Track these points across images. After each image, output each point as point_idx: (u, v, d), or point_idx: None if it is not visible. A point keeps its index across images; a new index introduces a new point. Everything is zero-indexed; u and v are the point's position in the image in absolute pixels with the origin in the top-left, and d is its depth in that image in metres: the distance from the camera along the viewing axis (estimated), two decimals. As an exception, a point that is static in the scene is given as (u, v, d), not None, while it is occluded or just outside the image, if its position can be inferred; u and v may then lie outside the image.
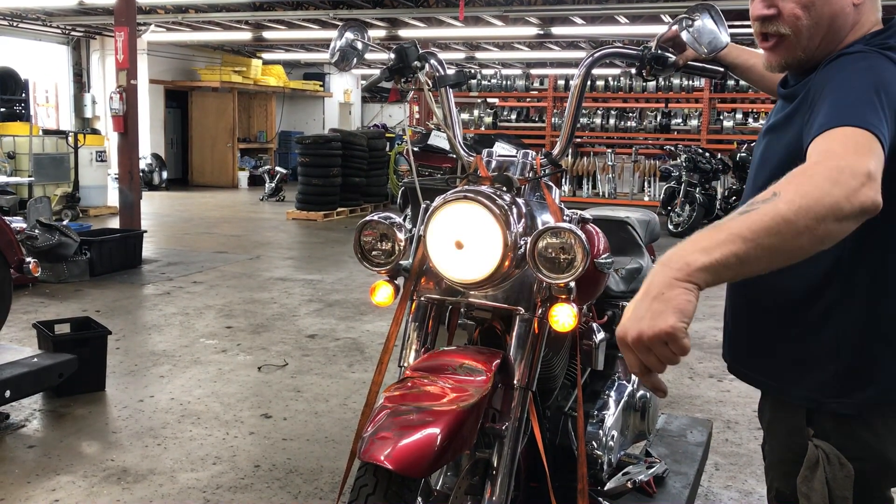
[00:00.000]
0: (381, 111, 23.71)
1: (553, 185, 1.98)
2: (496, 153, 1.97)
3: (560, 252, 1.66)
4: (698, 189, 10.74)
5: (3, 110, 12.38)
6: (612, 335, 1.74)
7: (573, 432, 2.12)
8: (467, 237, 1.71)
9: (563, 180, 13.47)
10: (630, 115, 13.72)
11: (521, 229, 1.74)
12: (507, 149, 3.07)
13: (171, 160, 16.62)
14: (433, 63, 2.10)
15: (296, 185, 12.45)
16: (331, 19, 12.18)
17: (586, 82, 2.02)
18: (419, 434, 1.47)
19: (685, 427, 3.17)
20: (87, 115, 16.11)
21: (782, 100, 1.60)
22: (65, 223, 7.90)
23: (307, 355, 4.94)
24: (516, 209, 1.75)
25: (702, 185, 10.82)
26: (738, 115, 13.05)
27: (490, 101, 15.25)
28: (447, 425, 1.48)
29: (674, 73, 1.97)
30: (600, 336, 2.09)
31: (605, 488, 2.25)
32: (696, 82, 13.00)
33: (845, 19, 1.48)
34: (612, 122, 13.48)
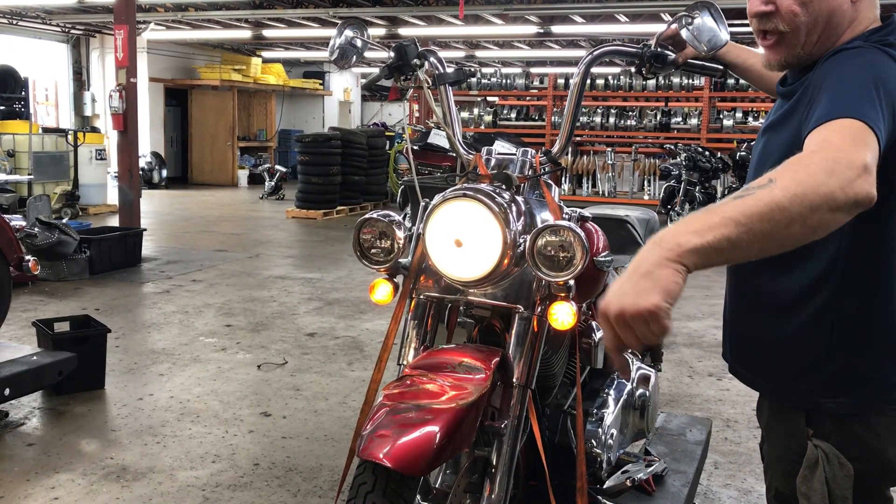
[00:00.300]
0: (380, 109, 23.70)
1: (553, 183, 1.97)
2: (496, 151, 1.97)
3: (559, 250, 1.66)
4: (698, 188, 10.73)
5: (2, 108, 12.36)
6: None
7: (572, 430, 2.12)
8: (466, 235, 1.71)
9: (563, 179, 13.47)
10: (630, 113, 13.73)
11: (521, 227, 1.73)
12: (507, 147, 3.07)
13: (170, 158, 16.62)
14: (433, 61, 2.09)
15: (295, 184, 12.45)
16: (330, 17, 12.17)
17: (586, 80, 2.01)
18: (418, 432, 1.46)
19: (684, 425, 3.16)
20: (87, 113, 16.12)
21: (781, 98, 1.60)
22: (64, 221, 7.91)
23: (306, 353, 4.94)
24: (515, 207, 1.75)
25: (701, 183, 10.81)
26: (738, 114, 13.05)
27: (490, 99, 15.28)
28: (446, 423, 1.48)
29: (673, 71, 1.97)
30: (599, 334, 2.09)
31: (604, 486, 2.25)
32: (695, 81, 13.02)
33: (843, 16, 1.48)
34: (611, 120, 13.50)
